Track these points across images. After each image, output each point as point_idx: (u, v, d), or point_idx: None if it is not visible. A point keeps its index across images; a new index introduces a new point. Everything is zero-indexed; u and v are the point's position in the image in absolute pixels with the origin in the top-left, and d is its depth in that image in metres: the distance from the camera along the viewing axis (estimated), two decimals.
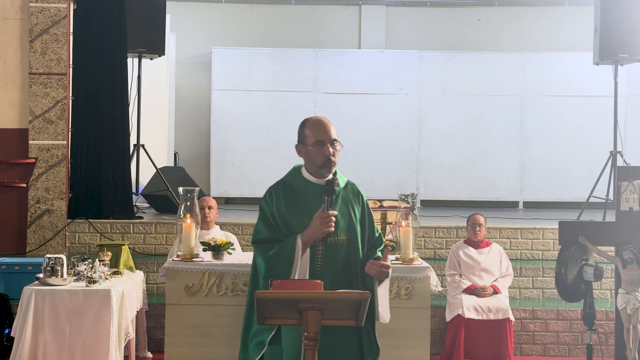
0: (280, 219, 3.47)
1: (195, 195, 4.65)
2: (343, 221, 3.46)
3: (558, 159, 11.06)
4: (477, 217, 6.48)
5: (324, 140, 3.45)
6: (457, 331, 6.10)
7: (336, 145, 3.48)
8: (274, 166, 11.00)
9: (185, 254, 4.52)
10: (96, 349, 4.99)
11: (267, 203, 3.52)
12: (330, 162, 3.46)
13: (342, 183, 3.57)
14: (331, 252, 3.43)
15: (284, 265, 3.38)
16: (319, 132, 3.46)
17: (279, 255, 3.39)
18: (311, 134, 3.47)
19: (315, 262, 3.43)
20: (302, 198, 3.48)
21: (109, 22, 7.69)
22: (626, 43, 7.89)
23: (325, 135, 3.46)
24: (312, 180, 3.52)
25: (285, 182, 3.57)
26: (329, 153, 3.45)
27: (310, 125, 3.50)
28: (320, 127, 3.48)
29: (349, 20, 12.03)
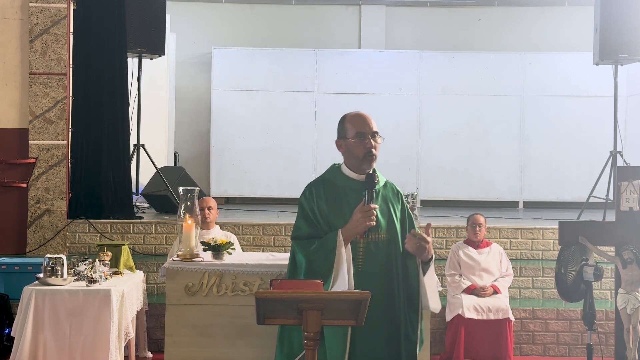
0: (321, 215, 3.45)
1: (195, 195, 4.65)
2: (383, 219, 3.46)
3: (558, 159, 11.06)
4: (477, 217, 6.48)
5: (365, 132, 3.46)
6: (457, 331, 6.10)
7: (377, 138, 3.49)
8: (274, 166, 11.02)
9: (185, 254, 4.52)
10: (96, 349, 4.99)
11: (307, 199, 3.50)
12: (372, 154, 3.47)
13: (381, 181, 3.56)
14: (372, 249, 3.42)
15: (326, 261, 3.35)
16: (359, 124, 3.47)
17: (320, 251, 3.37)
18: (351, 126, 3.48)
19: (357, 259, 3.41)
20: (342, 194, 3.47)
21: (109, 22, 7.70)
22: (626, 43, 7.89)
23: (367, 127, 3.47)
24: (353, 176, 3.51)
25: (325, 179, 3.55)
26: (371, 145, 3.46)
27: (351, 119, 3.51)
28: (360, 119, 3.49)
29: (349, 20, 12.03)
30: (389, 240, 3.47)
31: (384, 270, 3.43)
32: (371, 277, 3.37)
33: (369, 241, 3.42)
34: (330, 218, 3.44)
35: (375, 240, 3.43)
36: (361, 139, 3.46)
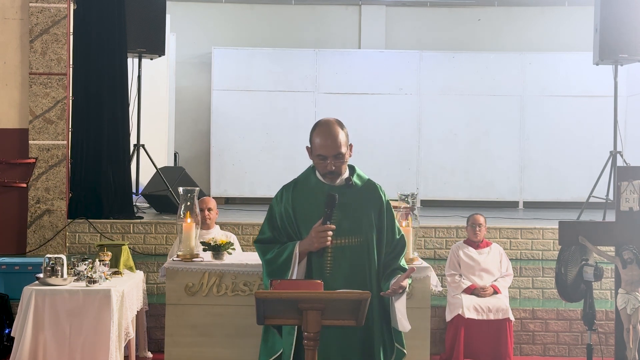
0: (287, 218, 3.50)
1: (195, 195, 4.65)
2: (354, 224, 3.44)
3: (558, 159, 11.06)
4: (477, 217, 6.48)
5: (326, 156, 3.43)
6: (457, 331, 6.10)
7: (342, 158, 3.44)
8: (274, 166, 11.02)
9: (185, 254, 4.52)
10: (96, 349, 4.98)
11: (277, 202, 3.56)
12: (332, 174, 3.46)
13: (359, 182, 3.55)
14: (340, 254, 3.42)
15: (281, 269, 3.42)
16: (322, 148, 3.43)
17: (277, 260, 3.45)
18: (316, 145, 3.45)
19: (325, 264, 3.42)
20: (312, 196, 3.48)
21: (109, 22, 7.70)
22: (626, 43, 7.89)
23: (329, 151, 3.42)
24: (322, 180, 3.52)
25: (297, 181, 3.59)
26: (331, 168, 3.43)
27: (317, 134, 3.46)
28: (324, 142, 3.42)
29: (349, 20, 12.03)
30: (360, 245, 3.45)
31: (354, 276, 3.42)
32: (340, 283, 3.36)
33: (338, 245, 3.42)
34: (298, 220, 3.48)
35: (344, 244, 3.42)
36: (322, 160, 3.45)
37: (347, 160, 3.50)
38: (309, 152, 3.53)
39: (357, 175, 3.57)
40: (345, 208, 3.44)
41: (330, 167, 3.42)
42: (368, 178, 3.61)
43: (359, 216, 3.47)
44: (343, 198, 3.44)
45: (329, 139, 3.42)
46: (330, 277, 3.39)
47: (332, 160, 3.42)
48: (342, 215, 3.43)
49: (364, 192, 3.53)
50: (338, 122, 3.49)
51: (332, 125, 3.45)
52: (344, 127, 3.50)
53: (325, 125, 3.46)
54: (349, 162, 3.56)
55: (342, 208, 3.43)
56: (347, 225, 3.43)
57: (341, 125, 3.48)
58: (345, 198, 3.45)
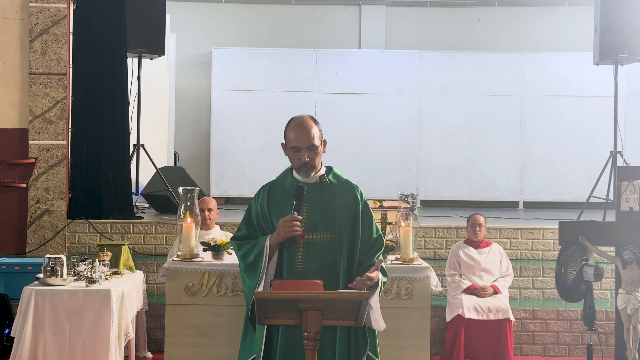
0: (262, 216, 3.57)
1: (195, 195, 4.65)
2: (327, 220, 3.48)
3: (558, 159, 11.06)
4: (477, 217, 6.48)
5: (300, 147, 3.48)
6: (457, 331, 6.10)
7: (315, 150, 3.49)
8: (274, 166, 10.91)
9: (185, 254, 4.52)
10: (96, 349, 4.98)
11: (255, 200, 3.64)
12: (306, 166, 3.50)
13: (335, 181, 3.58)
14: (311, 249, 3.45)
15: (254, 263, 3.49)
16: (295, 139, 3.49)
17: (250, 254, 3.51)
18: (290, 138, 3.51)
19: (296, 260, 3.46)
20: (287, 194, 3.53)
21: (109, 22, 7.69)
22: (626, 43, 7.89)
23: (302, 143, 3.48)
24: (299, 178, 3.57)
25: (274, 182, 3.66)
26: (304, 159, 3.48)
27: (291, 129, 3.52)
28: (298, 134, 3.49)
29: (349, 20, 12.03)
30: (332, 241, 3.47)
31: (325, 272, 3.43)
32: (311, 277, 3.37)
33: (309, 241, 3.45)
34: (273, 218, 3.53)
35: (315, 240, 3.46)
36: (296, 152, 3.50)
37: (321, 155, 3.54)
38: (284, 149, 3.59)
39: (334, 174, 3.62)
40: (318, 204, 3.49)
41: (304, 158, 3.47)
42: (346, 179, 3.64)
43: (331, 213, 3.50)
44: (317, 194, 3.50)
45: (303, 132, 3.48)
46: (301, 272, 3.43)
47: (305, 151, 3.47)
48: (314, 211, 3.48)
49: (339, 190, 3.56)
50: (312, 117, 3.56)
51: (305, 119, 3.53)
52: (318, 123, 3.55)
53: (299, 119, 3.53)
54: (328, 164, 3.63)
55: (315, 204, 3.49)
56: (319, 222, 3.47)
57: (315, 121, 3.54)
58: (318, 195, 3.51)
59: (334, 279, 3.44)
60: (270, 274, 3.46)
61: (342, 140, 10.89)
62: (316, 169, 3.54)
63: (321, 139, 3.53)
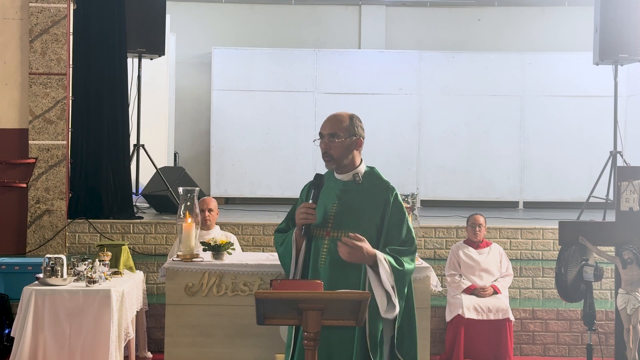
0: None
1: (195, 195, 4.64)
2: (351, 218, 3.47)
3: (558, 159, 11.06)
4: (477, 217, 6.48)
5: (322, 134, 3.53)
6: (457, 331, 6.10)
7: (336, 139, 3.48)
8: (274, 166, 11.02)
9: (185, 254, 4.52)
10: (96, 349, 4.99)
11: (300, 195, 3.69)
12: (326, 155, 3.52)
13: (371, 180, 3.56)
14: (336, 247, 3.42)
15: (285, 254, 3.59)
16: (321, 126, 3.55)
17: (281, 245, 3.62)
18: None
19: (320, 255, 3.47)
20: (326, 190, 3.55)
21: (109, 22, 7.69)
22: (626, 43, 7.90)
23: (324, 128, 3.52)
24: (335, 175, 3.59)
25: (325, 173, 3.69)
26: (322, 147, 3.52)
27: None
28: (325, 121, 3.54)
29: (349, 20, 12.03)
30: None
31: (347, 269, 3.43)
32: (332, 274, 3.40)
33: (335, 238, 3.45)
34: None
35: (340, 237, 3.43)
36: (320, 140, 3.55)
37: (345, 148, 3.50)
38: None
39: (373, 174, 3.60)
40: (348, 203, 3.49)
41: (322, 145, 3.51)
42: (385, 180, 3.61)
43: (359, 213, 3.49)
44: (349, 193, 3.51)
45: (328, 120, 3.53)
46: (323, 268, 3.45)
47: (326, 139, 3.49)
48: (344, 209, 3.48)
49: (372, 190, 3.54)
50: (349, 113, 3.57)
51: (340, 112, 3.57)
52: (356, 119, 3.56)
53: (334, 112, 3.58)
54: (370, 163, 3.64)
55: (345, 202, 3.49)
56: (346, 219, 3.47)
57: (351, 116, 3.55)
58: (351, 193, 3.51)
59: (356, 279, 3.43)
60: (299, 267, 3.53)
61: None
62: (340, 163, 3.52)
63: (350, 132, 3.50)
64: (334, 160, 3.51)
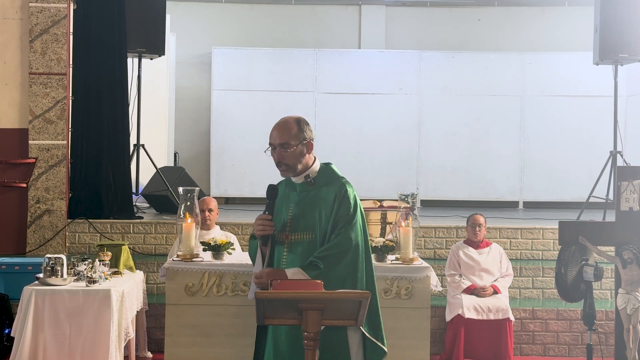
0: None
1: (195, 195, 4.65)
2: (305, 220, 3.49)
3: (558, 159, 11.06)
4: (477, 217, 6.48)
5: (272, 144, 3.53)
6: (457, 331, 6.10)
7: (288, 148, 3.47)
8: (274, 166, 10.97)
9: (185, 254, 4.52)
10: (96, 349, 4.99)
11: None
12: (280, 165, 3.54)
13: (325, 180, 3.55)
14: (294, 250, 3.49)
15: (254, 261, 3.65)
16: (270, 136, 3.54)
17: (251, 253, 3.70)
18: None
19: (281, 259, 3.51)
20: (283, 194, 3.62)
21: (109, 22, 7.69)
22: (626, 43, 7.90)
23: (273, 139, 3.52)
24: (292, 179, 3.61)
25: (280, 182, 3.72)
26: (275, 158, 3.54)
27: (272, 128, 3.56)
28: (273, 129, 3.53)
29: (349, 20, 12.03)
30: (311, 241, 3.47)
31: None
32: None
33: (292, 241, 3.50)
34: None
35: (297, 240, 3.49)
36: (272, 151, 3.55)
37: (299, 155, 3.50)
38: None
39: (327, 173, 3.58)
40: (302, 205, 3.52)
41: (274, 156, 3.53)
42: (339, 176, 3.58)
43: (312, 213, 3.50)
44: (302, 195, 3.53)
45: (276, 129, 3.52)
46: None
47: (278, 149, 3.50)
48: (298, 212, 3.51)
49: (325, 189, 3.54)
50: (297, 119, 3.54)
51: (286, 118, 3.55)
52: (303, 123, 3.52)
53: (281, 119, 3.56)
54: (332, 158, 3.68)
55: (299, 205, 3.52)
56: (301, 222, 3.50)
57: (298, 121, 3.52)
58: (304, 195, 3.53)
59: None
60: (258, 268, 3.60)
61: (342, 140, 10.89)
62: (295, 169, 3.53)
63: (300, 139, 3.48)
64: (290, 168, 3.54)
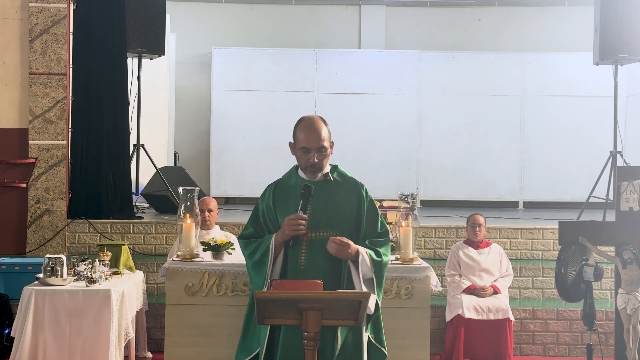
0: (268, 214, 3.61)
1: (195, 195, 4.64)
2: (329, 217, 3.50)
3: (558, 159, 11.06)
4: (477, 217, 6.47)
5: (310, 148, 3.51)
6: (457, 331, 6.10)
7: (325, 151, 3.51)
8: (274, 166, 10.95)
9: (185, 254, 4.52)
10: (96, 349, 4.99)
11: (261, 199, 3.69)
12: (314, 167, 3.53)
13: (340, 179, 3.60)
14: (315, 247, 3.47)
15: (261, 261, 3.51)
16: (305, 140, 3.52)
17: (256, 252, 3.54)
18: (300, 139, 3.54)
19: (299, 258, 3.48)
20: (292, 194, 3.57)
21: (109, 22, 7.69)
22: (626, 43, 7.90)
23: (312, 143, 3.51)
24: (303, 176, 3.60)
25: (279, 180, 3.71)
26: (313, 161, 3.51)
27: (301, 129, 3.56)
28: (308, 134, 3.52)
29: (349, 20, 12.03)
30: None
31: (328, 268, 3.46)
32: (314, 275, 3.40)
33: (313, 239, 3.48)
34: (279, 216, 3.56)
35: (319, 237, 3.48)
36: (305, 153, 3.53)
37: (329, 156, 3.57)
38: (291, 148, 3.63)
39: (339, 172, 3.64)
40: (321, 202, 3.51)
41: (313, 159, 3.50)
42: (351, 177, 3.66)
43: (335, 211, 3.52)
44: (320, 193, 3.52)
45: (313, 133, 3.51)
46: (304, 270, 3.46)
47: (315, 153, 3.50)
48: (318, 209, 3.50)
49: (343, 188, 3.58)
50: (321, 118, 3.58)
51: (316, 120, 3.56)
52: (327, 123, 3.58)
53: (310, 120, 3.57)
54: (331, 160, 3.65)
55: (319, 202, 3.51)
56: (322, 219, 3.49)
57: (324, 122, 3.57)
58: (323, 193, 3.53)
59: (337, 276, 3.46)
60: (277, 272, 3.49)
61: (342, 140, 10.84)
62: (323, 170, 3.57)
63: (330, 140, 3.55)
64: (320, 170, 3.56)
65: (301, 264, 3.46)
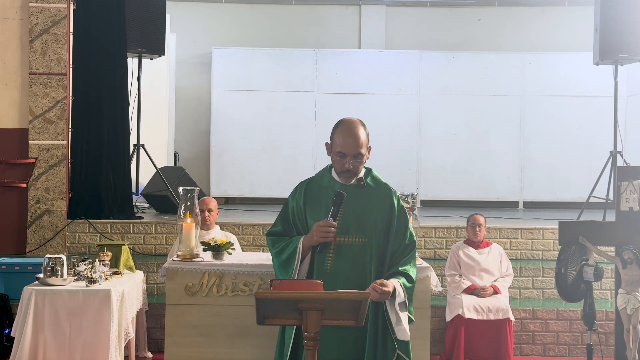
0: (298, 213, 3.57)
1: (195, 195, 4.64)
2: (359, 223, 3.47)
3: (558, 159, 11.06)
4: (477, 217, 6.47)
5: (346, 154, 3.46)
6: (457, 331, 6.10)
7: (361, 158, 3.48)
8: (274, 166, 11.02)
9: (185, 254, 4.52)
10: (96, 349, 4.98)
11: (291, 197, 3.63)
12: (349, 173, 3.49)
13: (373, 184, 3.57)
14: (342, 252, 3.44)
15: (287, 262, 3.50)
16: (343, 145, 3.46)
17: (283, 252, 3.52)
18: (337, 142, 3.48)
19: (326, 261, 3.45)
20: (324, 194, 3.53)
21: (109, 22, 7.69)
22: (626, 43, 7.90)
23: (349, 149, 3.46)
24: (337, 178, 3.56)
25: (312, 179, 3.65)
26: (349, 166, 3.47)
27: (339, 133, 3.49)
28: (346, 137, 3.46)
29: (349, 20, 12.03)
30: (363, 245, 3.46)
31: (354, 274, 3.44)
32: (339, 280, 3.39)
33: (341, 243, 3.45)
34: (308, 216, 3.53)
35: (347, 243, 3.45)
36: (340, 158, 3.49)
37: (365, 162, 3.54)
38: (327, 149, 3.57)
39: (372, 177, 3.60)
40: (353, 207, 3.47)
41: (348, 165, 3.46)
42: (385, 182, 3.62)
43: (365, 217, 3.49)
44: (353, 198, 3.48)
45: (351, 138, 3.46)
46: (330, 274, 3.42)
47: (350, 159, 3.46)
48: (349, 214, 3.47)
49: (376, 194, 3.55)
50: (361, 123, 3.53)
51: (355, 124, 3.50)
52: (366, 128, 3.53)
53: (349, 124, 3.50)
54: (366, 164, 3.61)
55: (350, 207, 3.46)
56: (352, 225, 3.46)
57: (364, 125, 3.52)
58: (355, 198, 3.49)
59: (363, 282, 3.43)
60: (303, 274, 3.48)
61: None
62: (357, 175, 3.54)
63: (367, 146, 3.50)
64: (355, 175, 3.53)
65: (327, 268, 3.44)
